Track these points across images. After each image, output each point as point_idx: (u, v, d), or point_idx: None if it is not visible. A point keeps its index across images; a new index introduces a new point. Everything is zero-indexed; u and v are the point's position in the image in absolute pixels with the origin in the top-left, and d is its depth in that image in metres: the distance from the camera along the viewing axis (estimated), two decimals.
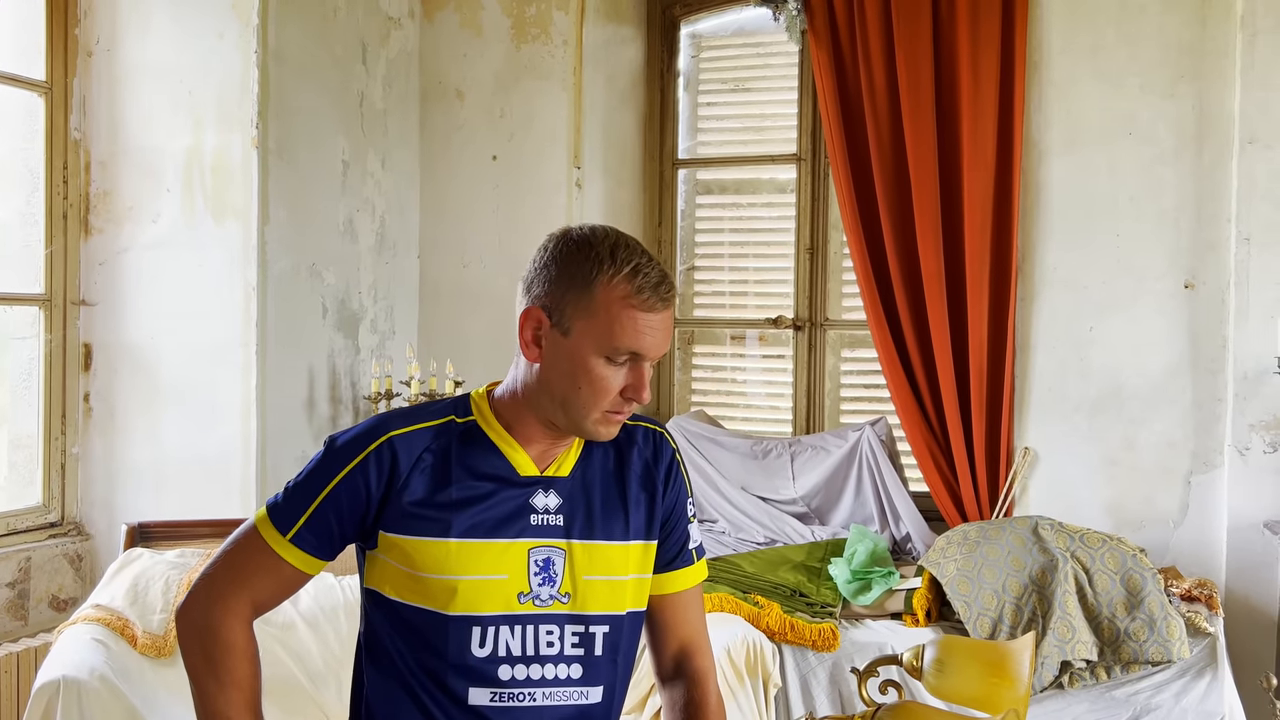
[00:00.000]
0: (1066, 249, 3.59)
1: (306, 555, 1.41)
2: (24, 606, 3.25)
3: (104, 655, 2.58)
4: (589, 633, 1.42)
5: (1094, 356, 3.57)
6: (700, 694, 1.52)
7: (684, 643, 1.56)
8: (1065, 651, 2.94)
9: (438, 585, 1.37)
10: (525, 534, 1.41)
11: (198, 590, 1.42)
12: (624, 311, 1.35)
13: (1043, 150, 3.60)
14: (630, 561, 1.46)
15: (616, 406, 1.39)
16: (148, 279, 3.43)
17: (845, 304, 4.24)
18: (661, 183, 4.49)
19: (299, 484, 1.42)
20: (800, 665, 3.05)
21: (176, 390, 3.43)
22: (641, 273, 1.36)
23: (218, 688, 1.38)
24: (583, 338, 1.36)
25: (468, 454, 1.42)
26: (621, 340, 1.35)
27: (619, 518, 1.46)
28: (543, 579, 1.40)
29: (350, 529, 1.41)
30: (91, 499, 3.48)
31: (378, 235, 4.00)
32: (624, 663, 1.47)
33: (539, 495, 1.43)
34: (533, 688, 1.39)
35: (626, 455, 1.50)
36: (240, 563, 1.42)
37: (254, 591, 1.41)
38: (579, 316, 1.36)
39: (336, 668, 2.86)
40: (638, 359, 1.38)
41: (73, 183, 3.42)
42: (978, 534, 3.24)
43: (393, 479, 1.38)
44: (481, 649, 1.38)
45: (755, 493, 3.97)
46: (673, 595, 1.55)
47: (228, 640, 1.39)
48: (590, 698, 1.42)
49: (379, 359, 3.90)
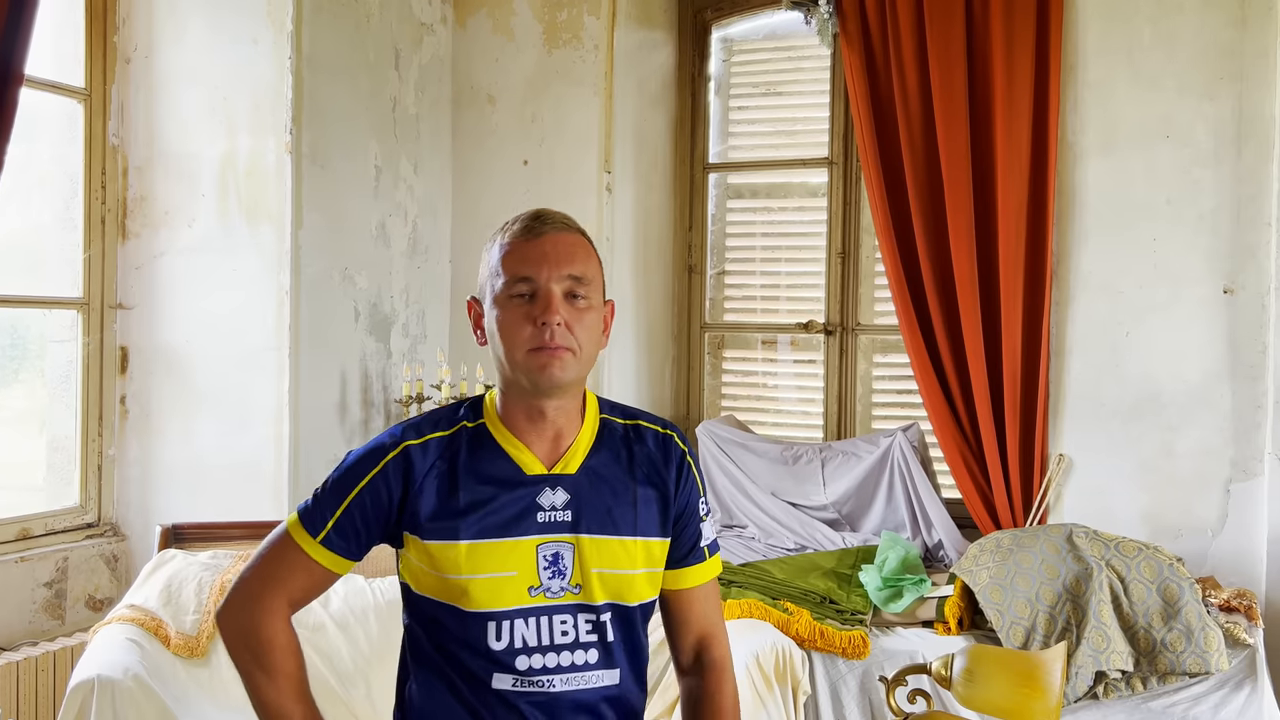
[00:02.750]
0: (1102, 253, 3.55)
1: (335, 556, 1.50)
2: (61, 606, 3.29)
3: (138, 655, 2.61)
4: (601, 621, 1.48)
5: (1130, 362, 3.52)
6: (715, 683, 1.58)
7: (700, 635, 1.62)
8: (1100, 661, 2.90)
9: (454, 584, 1.45)
10: (532, 531, 1.46)
11: (236, 592, 1.51)
12: (507, 251, 1.47)
13: (1078, 153, 3.55)
14: (638, 556, 1.51)
15: (536, 341, 1.43)
16: (183, 283, 3.47)
17: (877, 309, 4.21)
18: (692, 187, 4.48)
19: (326, 492, 1.51)
20: (830, 673, 3.03)
21: (211, 393, 3.47)
22: (522, 218, 1.49)
23: (267, 680, 1.48)
24: (493, 295, 1.47)
25: (476, 459, 1.49)
26: (510, 271, 1.45)
27: (627, 514, 1.50)
28: (552, 572, 1.45)
29: (376, 532, 1.50)
30: (127, 500, 3.52)
31: (410, 240, 4.02)
32: (639, 647, 1.53)
33: (546, 493, 1.47)
34: (551, 674, 1.44)
35: (635, 454, 1.54)
36: (275, 564, 1.51)
37: (289, 590, 1.50)
38: (488, 279, 1.49)
39: (365, 669, 2.88)
40: (536, 286, 1.44)
41: (110, 188, 3.47)
42: (1011, 541, 3.20)
43: (408, 484, 1.47)
44: (499, 642, 1.44)
45: (785, 498, 3.95)
46: (688, 590, 1.60)
47: (269, 636, 1.48)
48: (607, 680, 1.48)
49: (410, 363, 3.92)
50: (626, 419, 1.58)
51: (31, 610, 3.20)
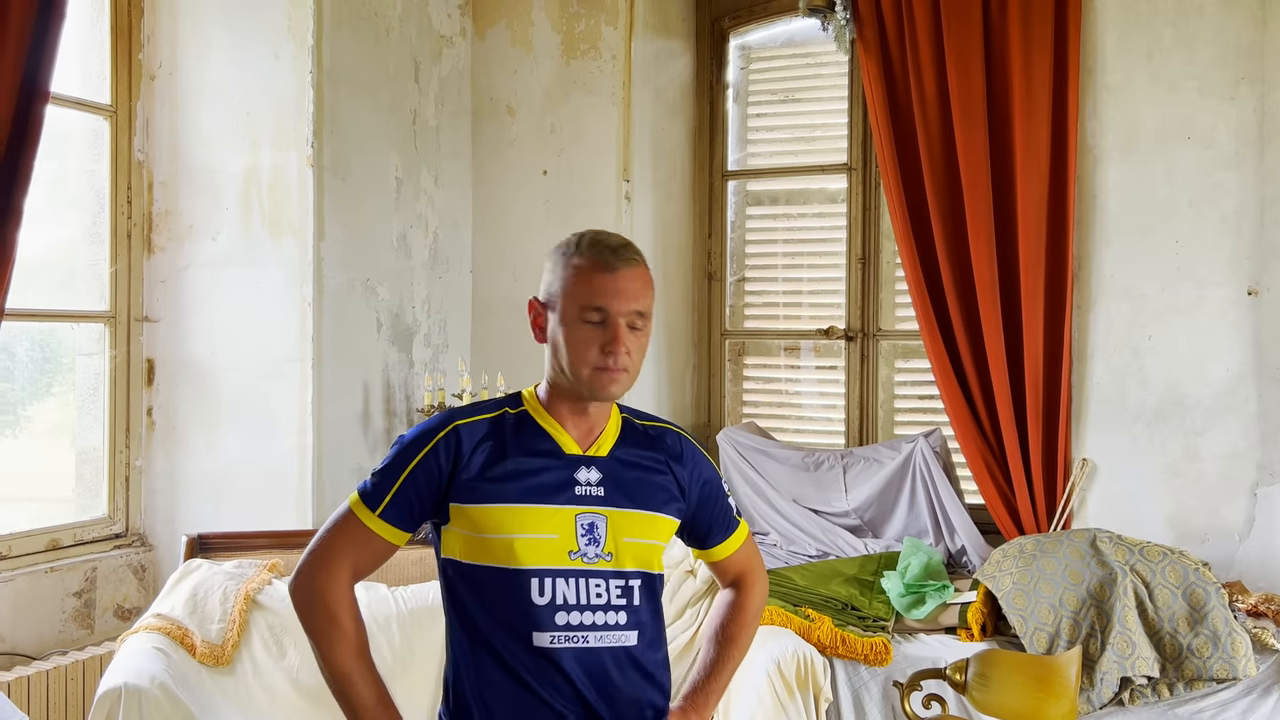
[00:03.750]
0: (1124, 256, 3.52)
1: (393, 528, 1.67)
2: (90, 615, 3.33)
3: (164, 663, 2.64)
4: (629, 585, 1.67)
5: (1154, 365, 3.49)
6: (744, 598, 1.88)
7: (737, 574, 1.90)
8: (1125, 667, 2.88)
9: (500, 544, 1.62)
10: (571, 501, 1.66)
11: (306, 562, 1.68)
12: (584, 276, 1.64)
13: (1098, 156, 3.53)
14: (661, 530, 1.73)
15: (601, 362, 1.64)
16: (208, 296, 3.52)
17: (898, 314, 4.21)
18: (711, 194, 4.49)
19: (383, 470, 1.68)
20: (852, 679, 3.02)
21: (235, 404, 3.51)
22: (600, 243, 1.66)
23: (330, 643, 1.65)
24: (563, 309, 1.66)
25: (521, 436, 1.69)
26: (586, 299, 1.63)
27: (650, 493, 1.72)
28: (589, 539, 1.64)
29: (428, 504, 1.67)
30: (154, 510, 3.56)
31: (431, 250, 4.05)
32: (659, 613, 1.73)
33: (582, 470, 1.68)
34: (585, 631, 1.62)
35: (657, 445, 1.77)
36: (339, 537, 1.68)
37: (353, 560, 1.68)
38: (559, 293, 1.67)
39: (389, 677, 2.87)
40: (607, 316, 1.63)
41: (136, 202, 3.52)
42: (1034, 547, 3.18)
43: (458, 459, 1.65)
44: (541, 598, 1.61)
45: (807, 505, 3.95)
46: (731, 557, 1.86)
47: (335, 599, 1.65)
48: (629, 640, 1.66)
49: (432, 372, 3.95)
50: (642, 420, 1.81)
51: (61, 620, 3.25)
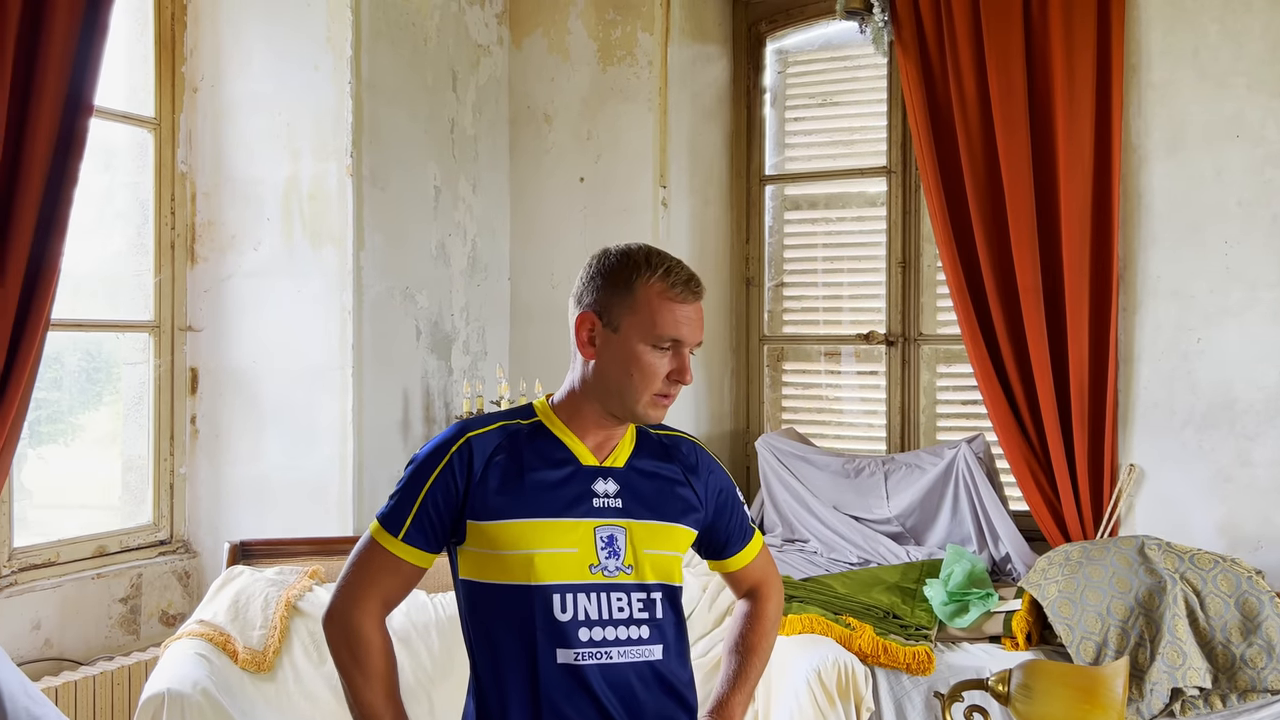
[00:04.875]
0: (1171, 257, 3.45)
1: (418, 550, 1.64)
2: (136, 621, 3.38)
3: (206, 669, 2.67)
4: (651, 598, 1.64)
5: (1203, 369, 3.42)
6: (761, 607, 1.86)
7: (753, 584, 1.88)
8: (1175, 678, 2.81)
9: (518, 561, 1.58)
10: (589, 514, 1.62)
11: (336, 599, 1.65)
12: (662, 304, 1.61)
13: (1143, 155, 3.47)
14: (680, 541, 1.70)
15: (664, 389, 1.63)
16: (250, 305, 3.56)
17: (940, 318, 4.16)
18: (749, 200, 4.47)
19: (400, 493, 1.65)
20: (895, 689, 2.98)
21: (277, 412, 3.54)
22: (673, 272, 1.63)
23: (363, 680, 1.62)
24: (630, 331, 1.62)
25: (535, 448, 1.65)
26: (663, 329, 1.61)
27: (669, 504, 1.69)
28: (609, 552, 1.61)
29: (448, 521, 1.63)
30: (198, 518, 3.61)
31: (469, 258, 4.07)
32: (682, 624, 1.70)
33: (599, 482, 1.65)
34: (609, 647, 1.59)
35: (673, 455, 1.75)
36: (365, 569, 1.65)
37: (382, 590, 1.64)
38: (625, 314, 1.62)
39: (428, 684, 2.91)
40: (678, 346, 1.62)
41: (179, 213, 3.57)
42: (1080, 554, 3.13)
43: (472, 470, 1.61)
44: (564, 613, 1.58)
45: (848, 511, 3.91)
46: (747, 567, 1.84)
47: (366, 639, 1.63)
48: (655, 654, 1.63)
49: (471, 379, 3.96)
50: (656, 429, 1.78)
51: (108, 625, 3.29)
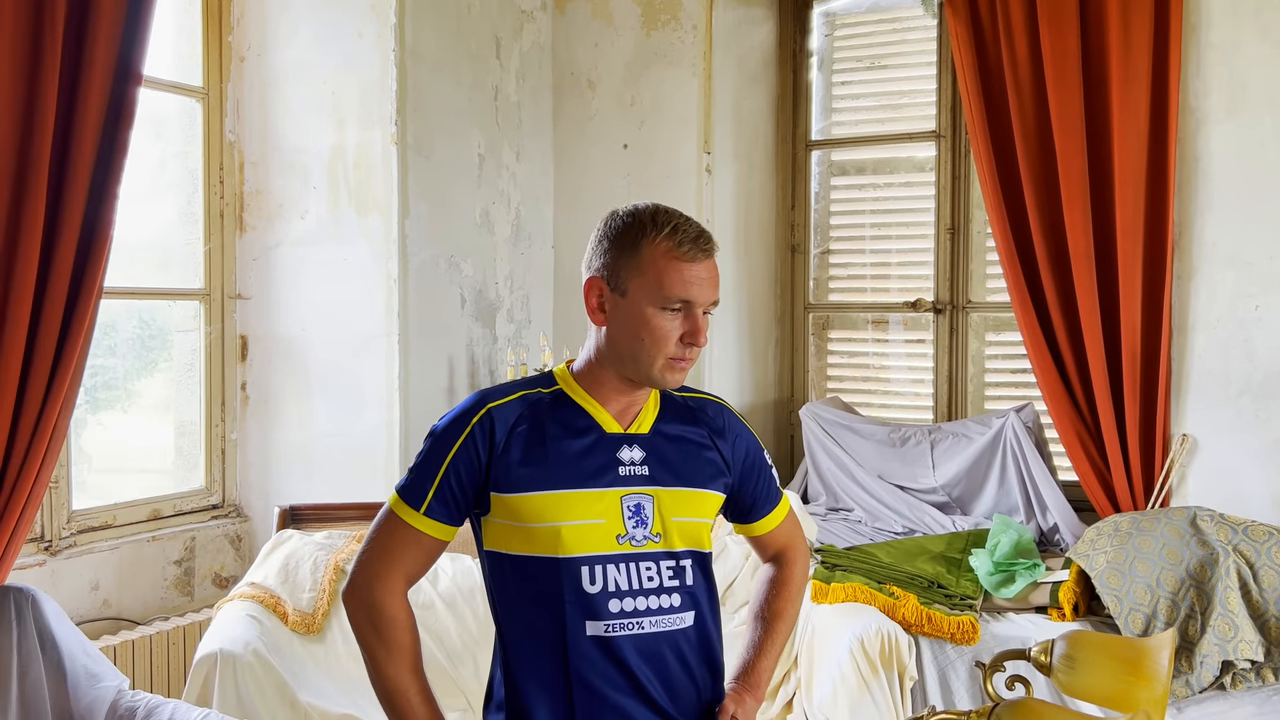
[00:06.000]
0: (1228, 222, 3.36)
1: (439, 524, 1.59)
2: (190, 583, 3.46)
3: (257, 630, 2.73)
4: (680, 566, 1.59)
5: (1260, 337, 3.33)
6: (787, 573, 1.81)
7: (779, 549, 1.83)
8: (1226, 650, 2.77)
9: (544, 533, 1.54)
10: (615, 483, 1.57)
11: (357, 574, 1.61)
12: (669, 264, 1.54)
13: (1201, 118, 3.37)
14: (708, 507, 1.65)
15: (678, 353, 1.56)
16: (297, 273, 3.59)
17: (989, 285, 4.09)
18: (794, 165, 4.42)
19: (419, 466, 1.60)
20: (939, 658, 2.96)
21: (325, 379, 3.59)
22: (680, 229, 1.55)
23: (386, 655, 1.58)
24: (638, 294, 1.55)
25: (558, 417, 1.60)
26: (670, 290, 1.54)
27: (696, 469, 1.64)
28: (636, 521, 1.56)
29: (470, 494, 1.58)
30: (249, 482, 3.67)
31: (513, 226, 4.07)
32: (713, 591, 1.66)
33: (624, 449, 1.60)
34: (640, 617, 1.55)
35: (699, 418, 1.69)
36: (386, 543, 1.60)
37: (404, 565, 1.60)
38: (632, 277, 1.56)
39: (473, 647, 2.95)
40: (689, 307, 1.56)
41: (228, 182, 3.61)
42: (1130, 525, 3.08)
43: (494, 441, 1.56)
44: (593, 585, 1.53)
45: (893, 481, 3.88)
46: (774, 531, 1.80)
47: (390, 614, 1.58)
48: (686, 622, 1.59)
49: (515, 347, 3.98)
50: (681, 392, 1.72)
51: (163, 587, 3.37)
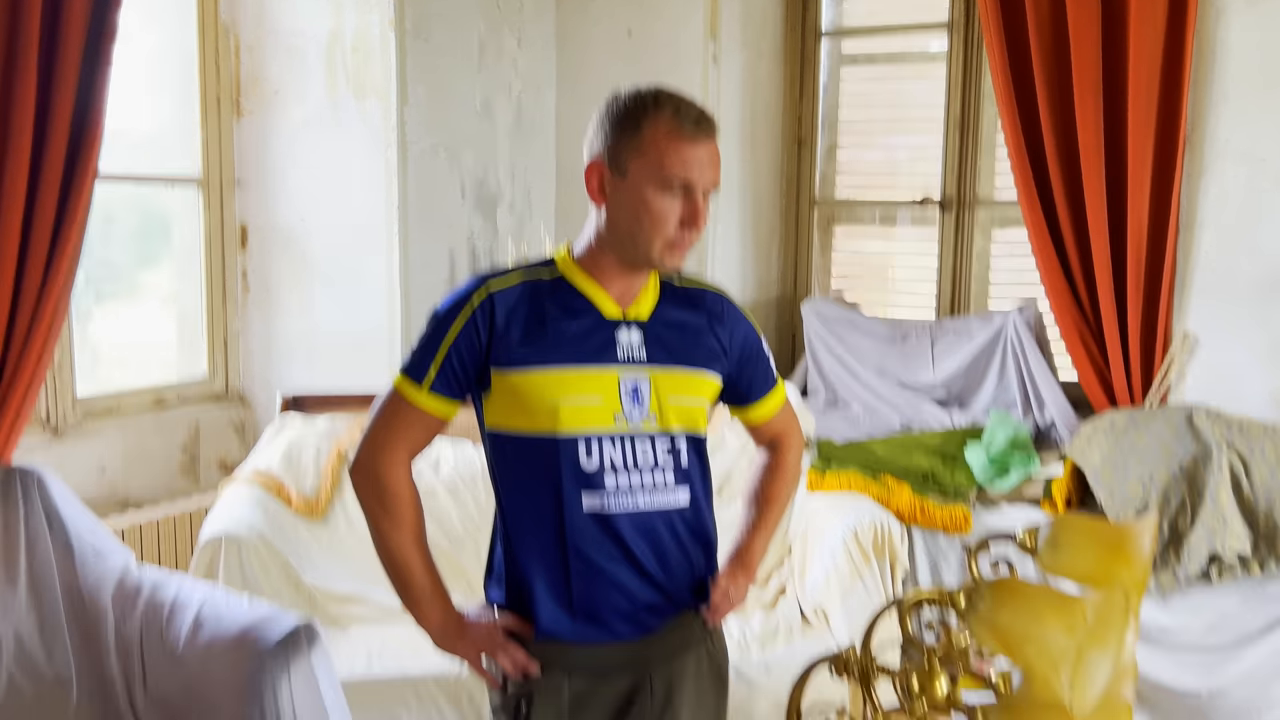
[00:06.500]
0: (1243, 117, 3.28)
1: (442, 401, 1.62)
2: (195, 468, 3.50)
3: (261, 514, 2.78)
4: (676, 447, 1.63)
5: (1267, 235, 3.29)
6: (781, 458, 1.85)
7: (775, 435, 1.85)
8: (1214, 544, 2.81)
9: (543, 410, 1.57)
10: (613, 363, 1.60)
11: (362, 449, 1.65)
12: (670, 144, 1.53)
13: (1221, 7, 3.27)
14: (704, 388, 1.67)
15: (677, 236, 1.56)
16: (295, 160, 3.55)
17: (998, 182, 4.04)
18: (803, 55, 4.32)
19: (423, 345, 1.63)
20: (931, 549, 3.02)
21: (325, 268, 3.57)
22: (682, 110, 1.55)
23: (390, 527, 1.63)
24: (638, 175, 1.55)
25: (558, 298, 1.62)
26: (671, 170, 1.53)
27: (693, 351, 1.66)
28: (633, 401, 1.60)
29: (472, 372, 1.61)
30: (251, 371, 3.69)
31: (514, 115, 4.01)
32: (706, 473, 1.69)
33: (623, 331, 1.61)
34: (635, 493, 1.59)
35: (698, 304, 1.70)
36: (390, 420, 1.63)
37: (408, 440, 1.64)
38: (633, 158, 1.55)
39: (474, 531, 3.00)
40: (689, 189, 1.55)
41: (224, 67, 3.54)
42: (1126, 422, 3.10)
43: (494, 323, 1.58)
44: (590, 460, 1.57)
45: (893, 377, 3.89)
46: (770, 416, 1.81)
47: (394, 488, 1.63)
48: (681, 502, 1.63)
49: (517, 240, 3.95)
50: (682, 281, 1.73)
51: (169, 472, 3.42)
